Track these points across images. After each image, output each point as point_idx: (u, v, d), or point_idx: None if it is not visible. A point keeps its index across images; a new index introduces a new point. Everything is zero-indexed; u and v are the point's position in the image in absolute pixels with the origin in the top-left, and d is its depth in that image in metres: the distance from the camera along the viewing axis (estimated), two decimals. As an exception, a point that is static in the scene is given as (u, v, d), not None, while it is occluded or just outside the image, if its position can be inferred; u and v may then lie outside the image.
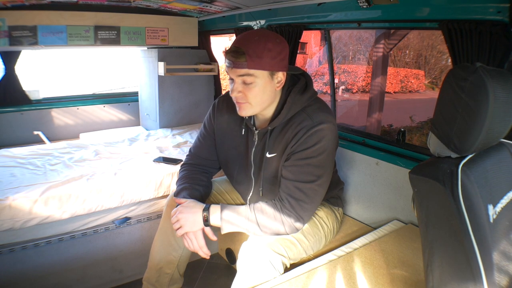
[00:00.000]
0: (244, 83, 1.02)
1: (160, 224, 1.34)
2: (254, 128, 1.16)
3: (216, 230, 1.13)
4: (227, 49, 1.01)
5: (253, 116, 1.18)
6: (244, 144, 1.21)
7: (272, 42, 1.00)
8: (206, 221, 1.09)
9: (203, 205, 1.11)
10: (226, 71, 1.05)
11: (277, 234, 1.08)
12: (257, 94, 1.04)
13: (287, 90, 1.10)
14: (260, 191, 1.20)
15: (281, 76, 1.06)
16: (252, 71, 1.00)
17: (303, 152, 1.05)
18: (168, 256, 1.27)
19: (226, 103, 1.25)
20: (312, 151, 1.04)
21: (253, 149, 1.18)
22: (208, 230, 1.11)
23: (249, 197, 1.27)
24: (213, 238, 1.12)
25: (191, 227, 1.09)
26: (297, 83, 1.11)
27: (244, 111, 1.08)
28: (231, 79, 1.06)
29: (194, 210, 1.09)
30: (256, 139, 1.16)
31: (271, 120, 1.13)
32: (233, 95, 1.05)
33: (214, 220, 1.09)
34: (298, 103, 1.08)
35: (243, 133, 1.20)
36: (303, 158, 1.05)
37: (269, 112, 1.12)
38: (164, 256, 1.28)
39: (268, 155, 1.14)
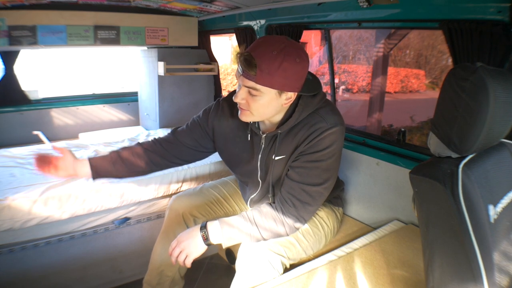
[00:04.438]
0: (249, 93, 0.98)
1: (162, 227, 1.33)
2: (261, 132, 1.12)
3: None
4: (242, 52, 0.94)
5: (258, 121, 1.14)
6: (250, 149, 1.17)
7: (290, 62, 0.92)
8: (206, 240, 1.03)
9: (199, 225, 1.06)
10: (236, 75, 1.01)
11: (277, 236, 1.08)
12: (260, 107, 0.99)
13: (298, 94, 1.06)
14: (270, 192, 1.17)
15: (291, 95, 1.00)
16: (259, 86, 0.95)
17: (313, 155, 1.03)
18: (170, 259, 1.27)
19: (229, 108, 1.20)
20: (322, 154, 1.02)
21: (260, 154, 1.14)
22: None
23: (251, 197, 1.25)
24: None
25: (197, 252, 1.04)
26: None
27: (245, 117, 1.04)
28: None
29: (192, 233, 1.05)
30: (263, 143, 1.13)
31: (280, 124, 1.09)
32: (237, 100, 1.01)
33: (214, 237, 1.04)
34: (310, 106, 1.05)
35: (249, 138, 1.16)
36: (312, 160, 1.03)
37: (277, 118, 1.08)
38: (165, 259, 1.28)
39: (276, 158, 1.10)
